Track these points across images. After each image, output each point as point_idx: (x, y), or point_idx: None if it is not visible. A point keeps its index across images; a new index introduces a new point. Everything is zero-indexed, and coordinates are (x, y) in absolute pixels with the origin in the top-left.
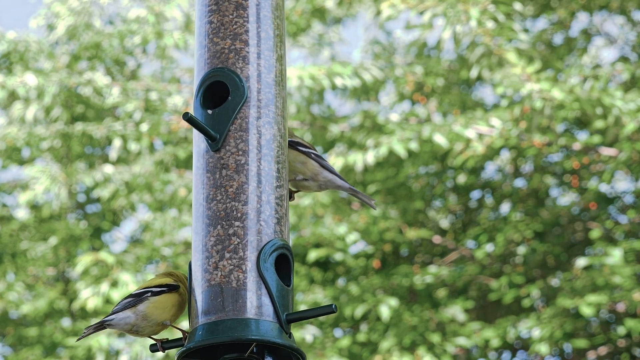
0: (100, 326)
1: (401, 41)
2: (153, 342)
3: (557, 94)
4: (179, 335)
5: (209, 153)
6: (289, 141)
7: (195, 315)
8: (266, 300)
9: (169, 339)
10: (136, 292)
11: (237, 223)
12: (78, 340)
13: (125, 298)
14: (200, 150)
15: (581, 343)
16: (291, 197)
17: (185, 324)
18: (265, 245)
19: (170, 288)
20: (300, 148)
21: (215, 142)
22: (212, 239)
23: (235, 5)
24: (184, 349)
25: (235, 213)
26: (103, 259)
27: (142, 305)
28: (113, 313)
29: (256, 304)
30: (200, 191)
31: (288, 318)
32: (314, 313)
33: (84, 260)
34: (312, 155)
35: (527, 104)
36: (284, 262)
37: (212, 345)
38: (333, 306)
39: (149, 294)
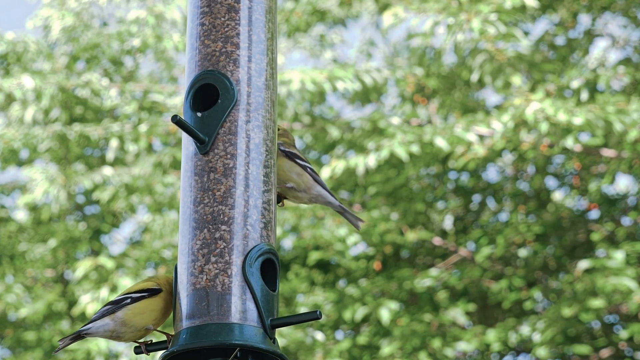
0: (77, 336)
1: (402, 43)
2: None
3: (563, 116)
4: (164, 338)
5: (197, 156)
6: (287, 152)
7: (180, 319)
8: (251, 305)
9: (153, 341)
10: (115, 299)
11: (223, 227)
12: (55, 352)
13: (105, 305)
14: (189, 152)
15: (583, 349)
16: (280, 202)
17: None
18: (251, 249)
19: (152, 293)
20: (298, 161)
21: (203, 145)
22: (198, 242)
23: (227, 8)
24: (167, 352)
25: (222, 217)
26: (102, 263)
27: (120, 312)
28: (91, 321)
29: (241, 308)
30: (188, 194)
31: (272, 323)
32: (298, 319)
33: (84, 265)
34: (309, 169)
35: (530, 127)
36: (270, 267)
37: (195, 349)
38: (317, 312)
39: (129, 300)
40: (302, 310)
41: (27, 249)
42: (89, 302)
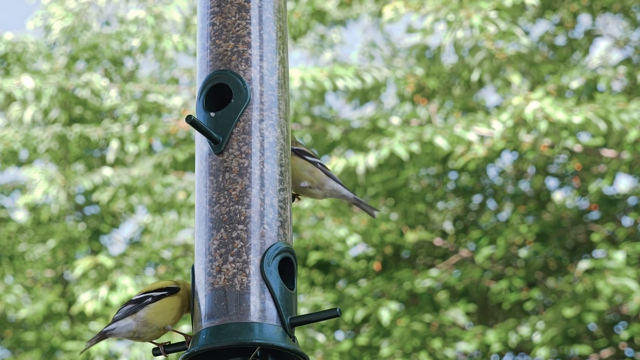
0: (102, 336)
1: (402, 43)
2: (155, 346)
3: (561, 115)
4: (182, 339)
5: (211, 156)
6: (296, 150)
7: (199, 319)
8: (270, 303)
9: (171, 342)
10: (137, 298)
11: (240, 226)
12: (81, 353)
13: (126, 304)
14: (203, 153)
15: (583, 349)
16: (296, 198)
17: (184, 327)
18: (268, 248)
19: (171, 291)
20: (308, 157)
21: (218, 145)
22: (215, 242)
23: (238, 8)
24: (188, 352)
25: (238, 216)
26: (102, 262)
27: (142, 311)
28: (114, 321)
29: (260, 307)
30: (203, 194)
31: (292, 322)
32: (318, 317)
33: (83, 263)
34: (319, 165)
35: (529, 127)
36: (287, 266)
37: (215, 349)
38: (337, 310)
39: (150, 299)
40: (302, 310)
41: (26, 250)
42: (88, 300)
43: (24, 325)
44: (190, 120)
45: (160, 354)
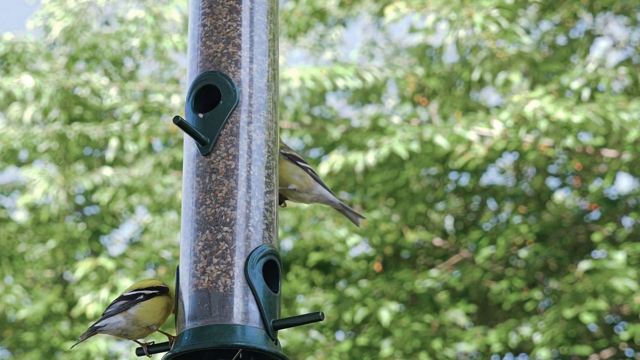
0: (93, 332)
1: (402, 43)
2: (139, 346)
3: (561, 114)
4: (166, 339)
5: (199, 157)
6: (288, 155)
7: (182, 320)
8: (253, 306)
9: (155, 342)
10: (128, 294)
11: (225, 228)
12: (72, 347)
13: (118, 300)
14: (191, 154)
15: (583, 349)
16: (282, 203)
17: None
18: (253, 251)
19: (161, 291)
20: (299, 163)
21: (205, 146)
22: (200, 243)
23: (229, 9)
24: (170, 353)
25: (224, 218)
26: (102, 264)
27: (133, 309)
28: (107, 316)
29: (243, 310)
30: (190, 195)
31: (274, 325)
32: (300, 320)
33: (83, 266)
34: (309, 170)
35: (530, 125)
36: (272, 269)
37: (198, 351)
38: (320, 314)
39: (142, 296)
40: (302, 311)
41: (26, 250)
42: (89, 303)
43: (23, 325)
44: (178, 121)
45: (143, 354)
